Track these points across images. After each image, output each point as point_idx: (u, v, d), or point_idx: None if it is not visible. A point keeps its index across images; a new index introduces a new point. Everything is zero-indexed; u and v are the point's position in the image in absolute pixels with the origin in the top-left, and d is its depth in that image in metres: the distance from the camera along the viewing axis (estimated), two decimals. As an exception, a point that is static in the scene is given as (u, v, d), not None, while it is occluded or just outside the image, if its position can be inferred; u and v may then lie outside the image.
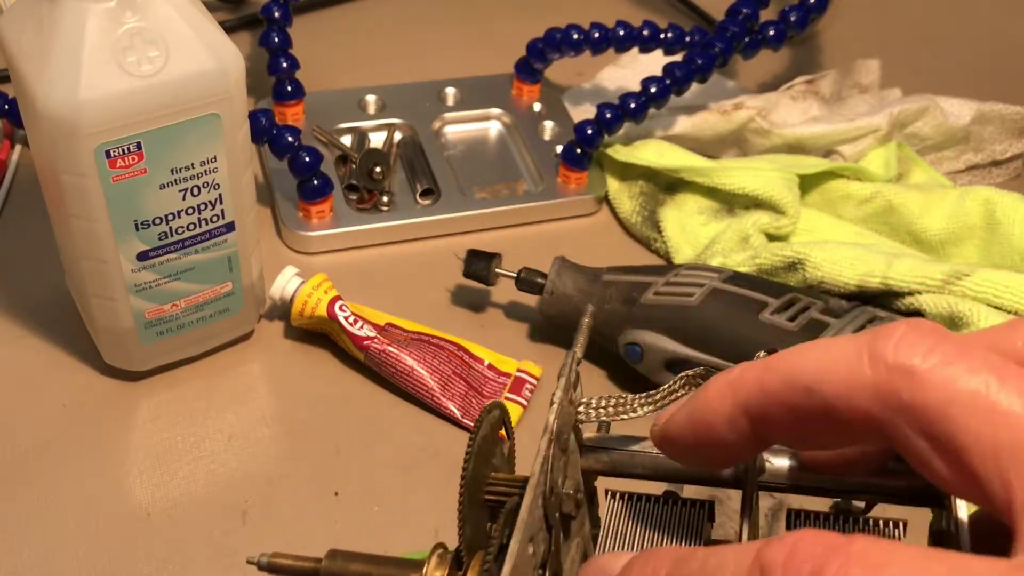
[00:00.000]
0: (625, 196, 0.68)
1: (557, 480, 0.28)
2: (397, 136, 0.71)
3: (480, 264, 0.59)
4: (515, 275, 0.58)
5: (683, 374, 0.31)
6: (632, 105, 0.65)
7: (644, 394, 0.31)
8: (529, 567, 0.26)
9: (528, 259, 0.59)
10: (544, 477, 0.27)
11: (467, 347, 0.57)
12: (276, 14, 0.68)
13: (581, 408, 0.32)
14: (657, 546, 0.32)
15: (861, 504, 0.32)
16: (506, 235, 0.67)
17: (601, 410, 0.31)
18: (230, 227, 0.52)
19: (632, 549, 0.32)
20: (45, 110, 0.44)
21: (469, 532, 0.29)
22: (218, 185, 0.50)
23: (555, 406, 0.29)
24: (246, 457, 0.53)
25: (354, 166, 0.66)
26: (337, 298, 0.57)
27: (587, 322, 0.33)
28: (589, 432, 0.33)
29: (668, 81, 0.66)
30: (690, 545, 0.32)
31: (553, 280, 0.57)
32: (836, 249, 0.57)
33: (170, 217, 0.49)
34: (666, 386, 0.31)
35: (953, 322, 0.54)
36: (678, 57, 0.68)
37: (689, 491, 0.34)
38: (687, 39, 0.70)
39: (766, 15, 0.69)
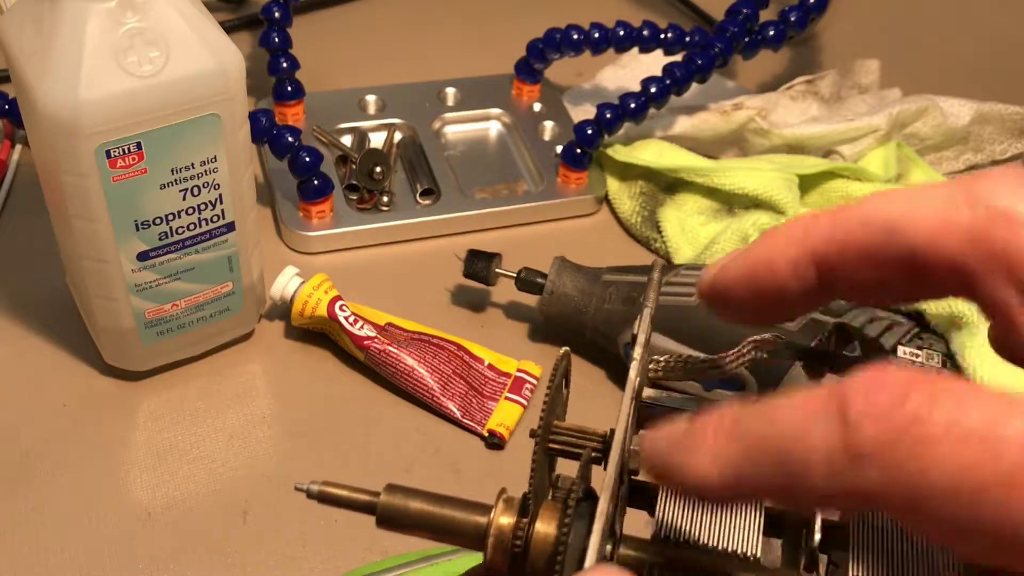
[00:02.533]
0: (625, 196, 0.68)
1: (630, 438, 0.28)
2: (397, 136, 0.71)
3: (480, 264, 0.59)
4: (515, 275, 0.58)
5: (751, 339, 0.31)
6: (632, 105, 0.65)
7: (714, 356, 0.31)
8: (609, 523, 0.26)
9: (528, 259, 0.59)
10: (627, 434, 0.27)
11: (467, 347, 0.57)
12: (276, 14, 0.68)
13: (651, 366, 0.31)
14: None
15: None
16: (506, 235, 0.67)
17: (670, 371, 0.31)
18: (230, 227, 0.52)
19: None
20: (45, 110, 0.44)
21: (537, 480, 0.29)
22: (218, 185, 0.50)
23: (636, 362, 0.28)
24: (246, 457, 0.53)
25: (354, 166, 0.66)
26: (337, 298, 0.57)
27: (656, 276, 0.32)
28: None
29: (668, 81, 0.66)
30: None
31: (553, 280, 0.57)
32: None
33: (170, 217, 0.49)
34: (734, 350, 0.31)
35: (952, 322, 0.54)
36: (678, 57, 0.68)
37: None
38: (687, 39, 0.70)
39: (766, 15, 0.69)
